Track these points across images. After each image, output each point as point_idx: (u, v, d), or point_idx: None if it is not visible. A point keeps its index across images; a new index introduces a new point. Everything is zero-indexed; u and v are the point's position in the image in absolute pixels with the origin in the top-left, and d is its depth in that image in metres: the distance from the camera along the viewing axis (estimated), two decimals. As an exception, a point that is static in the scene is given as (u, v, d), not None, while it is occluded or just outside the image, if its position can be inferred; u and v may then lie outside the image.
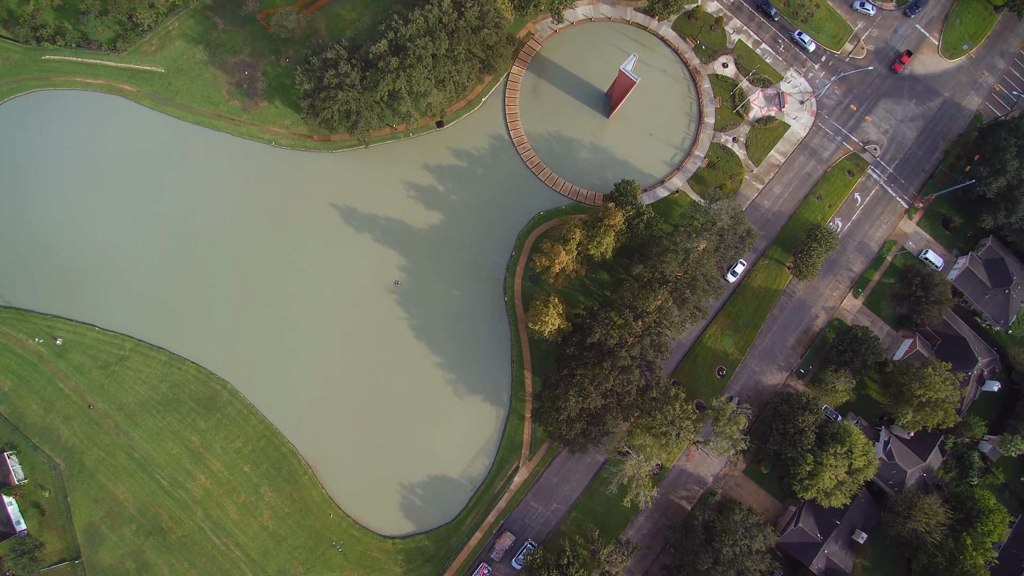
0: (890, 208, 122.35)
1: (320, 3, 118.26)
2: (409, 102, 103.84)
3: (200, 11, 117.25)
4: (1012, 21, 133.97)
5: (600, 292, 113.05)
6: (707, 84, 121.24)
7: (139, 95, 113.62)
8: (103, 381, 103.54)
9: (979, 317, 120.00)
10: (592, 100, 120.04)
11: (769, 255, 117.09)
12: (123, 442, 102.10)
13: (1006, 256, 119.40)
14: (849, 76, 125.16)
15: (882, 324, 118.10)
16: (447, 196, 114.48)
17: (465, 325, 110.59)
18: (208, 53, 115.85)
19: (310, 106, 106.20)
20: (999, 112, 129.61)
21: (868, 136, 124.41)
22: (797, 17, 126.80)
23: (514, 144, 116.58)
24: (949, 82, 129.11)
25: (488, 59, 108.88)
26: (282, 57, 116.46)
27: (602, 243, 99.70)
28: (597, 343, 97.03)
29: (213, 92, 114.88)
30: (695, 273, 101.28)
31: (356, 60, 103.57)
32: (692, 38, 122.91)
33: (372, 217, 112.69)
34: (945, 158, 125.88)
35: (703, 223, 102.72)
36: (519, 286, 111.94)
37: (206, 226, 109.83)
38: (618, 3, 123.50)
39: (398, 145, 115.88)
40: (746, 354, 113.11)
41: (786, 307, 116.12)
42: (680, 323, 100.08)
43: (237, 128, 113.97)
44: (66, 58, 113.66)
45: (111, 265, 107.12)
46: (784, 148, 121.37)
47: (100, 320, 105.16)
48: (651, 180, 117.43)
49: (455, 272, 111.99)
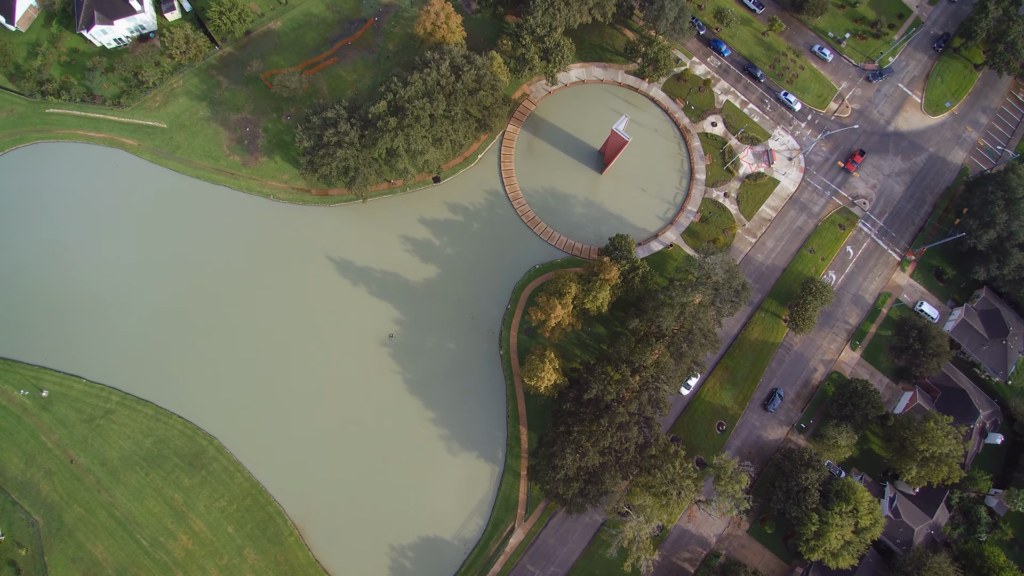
0: (883, 260, 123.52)
1: (322, 65, 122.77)
2: (407, 159, 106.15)
3: (205, 70, 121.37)
4: (992, 78, 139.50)
5: (596, 346, 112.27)
6: (697, 142, 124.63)
7: (140, 149, 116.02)
8: (87, 435, 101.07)
9: (978, 368, 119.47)
10: (586, 157, 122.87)
11: (765, 308, 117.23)
12: (104, 499, 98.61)
13: (1001, 307, 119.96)
14: (835, 134, 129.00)
15: (881, 376, 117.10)
16: (443, 250, 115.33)
17: (460, 379, 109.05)
18: (211, 110, 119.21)
19: (309, 162, 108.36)
20: (984, 166, 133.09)
21: (857, 191, 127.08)
22: (782, 78, 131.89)
23: (509, 199, 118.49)
24: (933, 138, 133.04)
25: (484, 119, 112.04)
26: (283, 115, 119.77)
27: (598, 297, 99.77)
28: (594, 399, 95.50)
29: (214, 147, 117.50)
30: (692, 327, 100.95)
31: (355, 119, 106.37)
32: (681, 99, 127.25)
33: (368, 270, 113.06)
34: (934, 211, 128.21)
35: (698, 277, 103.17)
36: (515, 339, 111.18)
37: (199, 278, 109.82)
38: (609, 66, 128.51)
39: (395, 200, 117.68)
40: (745, 408, 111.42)
41: (784, 360, 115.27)
42: (678, 378, 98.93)
43: (236, 182, 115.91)
44: (69, 112, 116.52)
45: (102, 316, 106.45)
46: (775, 203, 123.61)
47: (88, 372, 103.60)
48: (645, 234, 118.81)
49: (450, 325, 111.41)
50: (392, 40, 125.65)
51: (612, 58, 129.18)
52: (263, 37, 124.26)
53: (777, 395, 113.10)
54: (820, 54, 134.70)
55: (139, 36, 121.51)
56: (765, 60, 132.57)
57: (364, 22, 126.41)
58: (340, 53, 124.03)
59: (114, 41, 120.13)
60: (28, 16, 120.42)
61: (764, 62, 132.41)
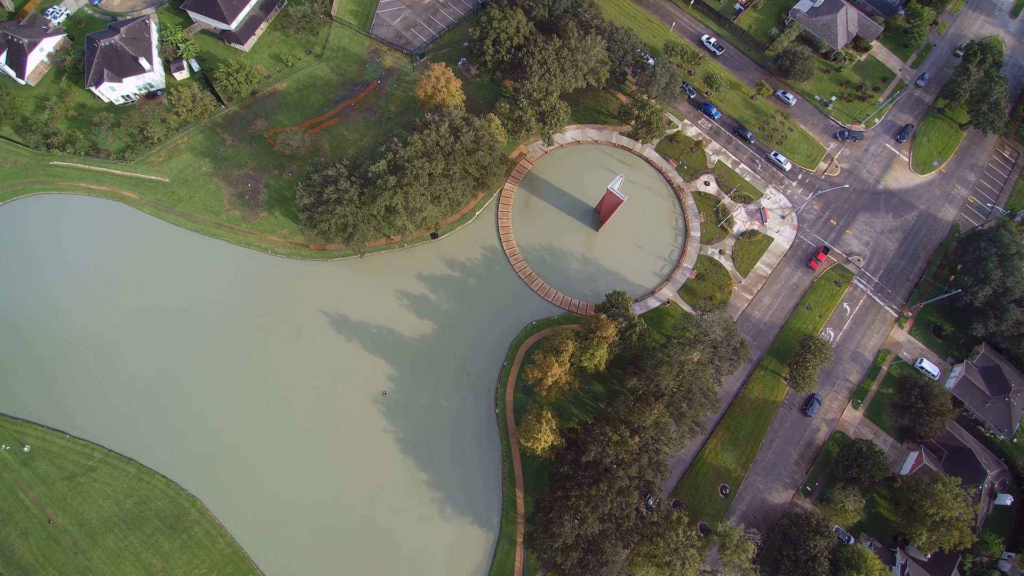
0: (880, 317, 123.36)
1: (325, 124, 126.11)
2: (405, 216, 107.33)
3: (210, 127, 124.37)
4: (978, 137, 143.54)
5: (594, 405, 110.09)
6: (691, 200, 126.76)
7: (141, 202, 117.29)
8: (67, 493, 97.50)
9: (982, 426, 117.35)
10: (582, 214, 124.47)
11: (764, 366, 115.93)
12: (80, 563, 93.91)
13: (1001, 363, 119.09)
14: (826, 193, 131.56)
15: (885, 436, 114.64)
16: (439, 305, 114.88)
17: (454, 439, 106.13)
18: (214, 166, 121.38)
19: (308, 218, 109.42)
20: (975, 222, 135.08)
21: (850, 248, 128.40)
22: (772, 139, 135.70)
23: (506, 255, 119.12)
24: (923, 195, 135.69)
25: (482, 177, 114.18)
26: (285, 172, 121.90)
27: (595, 355, 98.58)
28: (593, 461, 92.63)
29: (215, 202, 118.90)
30: (691, 386, 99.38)
31: (356, 177, 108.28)
32: (674, 159, 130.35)
33: (363, 326, 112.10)
34: (928, 267, 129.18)
35: (696, 334, 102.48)
36: (511, 397, 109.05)
37: (192, 332, 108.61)
38: (604, 128, 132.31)
39: (393, 255, 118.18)
40: (749, 470, 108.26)
41: (786, 419, 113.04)
42: (679, 439, 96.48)
43: (235, 236, 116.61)
44: (73, 164, 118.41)
45: (91, 369, 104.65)
46: (770, 260, 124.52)
47: (72, 427, 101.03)
48: (642, 291, 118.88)
49: (445, 382, 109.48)
50: (394, 102, 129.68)
51: (606, 120, 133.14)
52: (268, 97, 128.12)
53: (816, 401, 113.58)
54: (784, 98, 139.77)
55: (147, 93, 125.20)
56: (754, 122, 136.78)
57: (367, 85, 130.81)
58: (343, 113, 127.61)
59: (122, 98, 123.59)
60: (39, 71, 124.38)
61: (753, 124, 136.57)
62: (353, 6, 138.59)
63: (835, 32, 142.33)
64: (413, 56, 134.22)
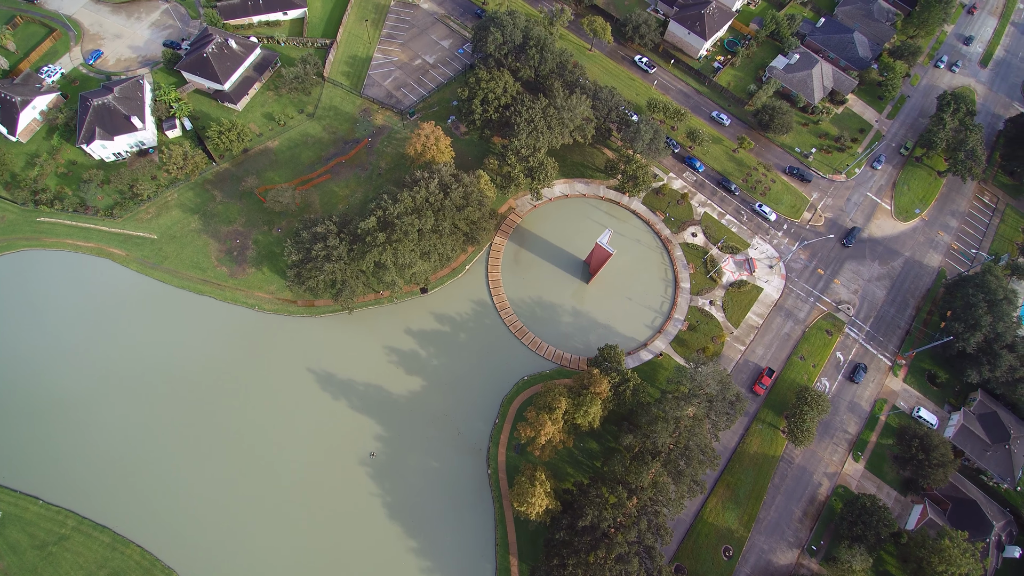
0: (874, 366, 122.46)
1: (316, 181, 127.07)
2: (394, 272, 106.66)
3: (200, 184, 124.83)
4: (957, 183, 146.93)
5: (590, 463, 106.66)
6: (679, 252, 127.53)
7: (127, 259, 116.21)
8: (37, 563, 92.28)
9: (984, 475, 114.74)
10: (572, 267, 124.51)
11: (761, 419, 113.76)
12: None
13: (999, 409, 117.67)
14: (812, 243, 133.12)
15: (888, 489, 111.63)
16: (429, 361, 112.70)
17: (444, 502, 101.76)
18: (202, 222, 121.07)
19: (296, 275, 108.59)
20: (960, 267, 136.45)
21: (839, 296, 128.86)
22: (756, 191, 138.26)
23: (497, 309, 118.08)
24: (907, 243, 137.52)
25: (471, 232, 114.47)
26: (274, 228, 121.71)
27: (589, 412, 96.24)
28: (590, 526, 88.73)
29: (202, 258, 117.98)
30: (688, 442, 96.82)
31: (345, 234, 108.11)
32: (661, 211, 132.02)
33: (350, 384, 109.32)
34: (917, 314, 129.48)
35: (690, 388, 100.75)
36: (503, 457, 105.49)
37: (171, 393, 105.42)
38: (591, 182, 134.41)
39: (382, 310, 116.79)
40: (752, 530, 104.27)
41: (787, 475, 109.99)
42: (678, 499, 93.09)
43: (222, 293, 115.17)
44: (60, 221, 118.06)
45: (68, 431, 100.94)
46: (760, 310, 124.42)
47: (46, 492, 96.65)
48: (634, 343, 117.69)
49: (435, 442, 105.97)
50: (384, 159, 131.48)
51: (593, 174, 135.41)
52: (260, 155, 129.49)
53: (861, 369, 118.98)
54: (718, 119, 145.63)
55: (138, 151, 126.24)
56: (738, 175, 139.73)
57: (358, 142, 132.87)
58: (334, 170, 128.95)
59: (113, 155, 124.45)
60: (30, 128, 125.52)
61: (737, 176, 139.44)
62: (345, 67, 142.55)
63: (811, 87, 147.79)
64: (403, 115, 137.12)
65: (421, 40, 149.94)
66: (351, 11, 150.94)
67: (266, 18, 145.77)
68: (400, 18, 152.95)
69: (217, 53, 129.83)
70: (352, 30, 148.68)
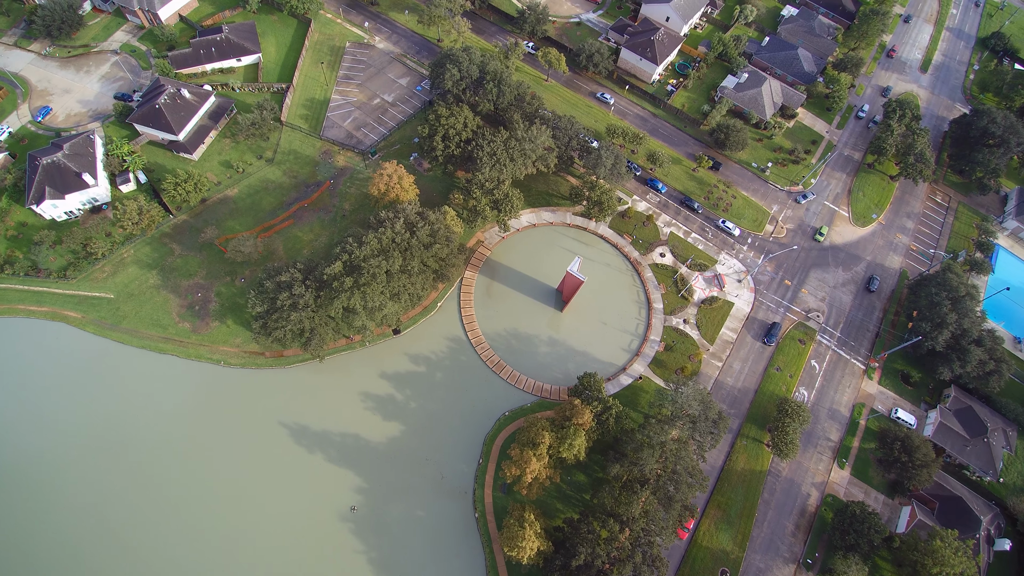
0: (849, 371, 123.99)
1: (278, 227, 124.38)
2: (364, 316, 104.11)
3: (157, 238, 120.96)
4: (910, 186, 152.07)
5: (579, 496, 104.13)
6: (649, 273, 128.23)
7: (83, 321, 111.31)
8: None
9: (967, 470, 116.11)
10: (544, 296, 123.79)
11: (745, 434, 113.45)
12: None
13: (973, 404, 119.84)
14: (777, 255, 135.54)
15: (876, 494, 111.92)
16: (406, 404, 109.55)
17: (432, 553, 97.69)
18: (161, 278, 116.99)
19: (263, 326, 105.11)
20: (921, 267, 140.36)
21: (808, 305, 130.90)
22: (718, 208, 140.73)
23: (472, 345, 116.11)
24: (868, 247, 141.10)
25: (441, 269, 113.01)
26: (238, 278, 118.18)
27: (574, 444, 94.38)
28: (584, 565, 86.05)
29: (162, 315, 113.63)
30: (675, 466, 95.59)
31: (311, 281, 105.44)
32: (628, 234, 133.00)
33: (326, 435, 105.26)
34: (884, 316, 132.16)
35: (673, 411, 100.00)
36: (490, 498, 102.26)
37: (135, 459, 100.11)
38: (558, 209, 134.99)
39: (354, 356, 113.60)
40: (747, 549, 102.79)
41: (776, 489, 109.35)
42: (670, 527, 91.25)
43: (184, 350, 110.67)
44: (11, 286, 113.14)
45: (26, 501, 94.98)
46: (733, 325, 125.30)
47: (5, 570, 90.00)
48: (613, 368, 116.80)
49: (418, 489, 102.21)
50: (348, 200, 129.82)
51: (559, 202, 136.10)
52: (219, 204, 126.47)
53: (874, 278, 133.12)
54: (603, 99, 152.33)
55: (91, 208, 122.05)
56: (699, 193, 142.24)
57: (320, 185, 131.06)
58: (296, 215, 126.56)
59: (65, 214, 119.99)
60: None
61: (699, 194, 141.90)
62: (303, 110, 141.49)
63: (762, 104, 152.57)
64: (365, 154, 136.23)
65: (379, 79, 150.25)
66: (306, 54, 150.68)
67: (219, 65, 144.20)
68: (356, 59, 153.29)
69: (170, 103, 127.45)
70: (308, 73, 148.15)
